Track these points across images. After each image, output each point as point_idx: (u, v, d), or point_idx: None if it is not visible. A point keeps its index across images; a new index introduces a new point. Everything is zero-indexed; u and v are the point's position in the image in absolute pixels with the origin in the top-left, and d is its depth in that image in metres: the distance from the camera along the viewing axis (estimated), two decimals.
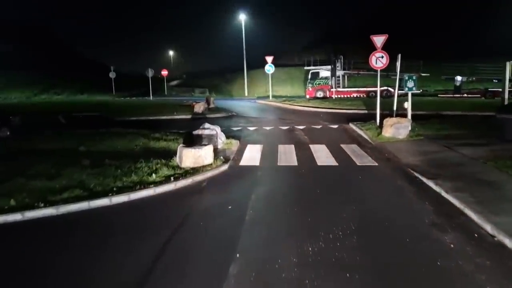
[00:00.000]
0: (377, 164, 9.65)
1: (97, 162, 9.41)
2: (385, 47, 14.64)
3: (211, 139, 11.65)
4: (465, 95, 30.06)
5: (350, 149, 11.53)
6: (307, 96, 34.43)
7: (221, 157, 10.02)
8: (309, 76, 34.58)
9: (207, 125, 12.19)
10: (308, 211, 6.47)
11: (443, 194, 7.02)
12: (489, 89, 29.64)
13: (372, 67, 14.82)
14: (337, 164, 9.73)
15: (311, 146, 12.04)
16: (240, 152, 11.35)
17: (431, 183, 7.63)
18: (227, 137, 12.99)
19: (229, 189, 7.91)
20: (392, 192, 7.47)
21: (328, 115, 20.96)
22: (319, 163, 9.82)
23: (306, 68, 36.64)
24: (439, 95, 31.06)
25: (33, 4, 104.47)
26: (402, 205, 6.75)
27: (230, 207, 6.73)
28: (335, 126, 16.23)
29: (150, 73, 33.40)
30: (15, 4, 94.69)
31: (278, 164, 9.89)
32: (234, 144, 12.28)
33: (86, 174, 8.31)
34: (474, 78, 32.07)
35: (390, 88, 32.21)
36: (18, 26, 61.41)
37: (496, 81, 31.56)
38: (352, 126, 15.82)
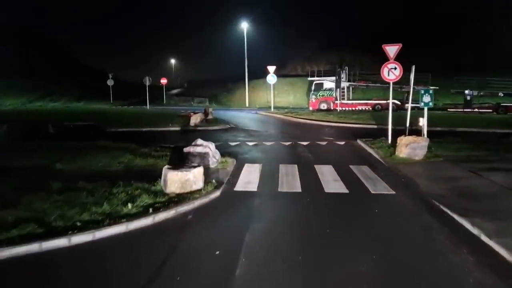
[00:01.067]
0: (394, 192, 8.27)
1: (68, 185, 8.11)
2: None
3: (203, 157, 10.34)
4: (476, 110, 28.74)
5: (360, 171, 10.16)
6: (310, 108, 33.19)
7: (213, 181, 8.66)
8: (313, 87, 33.37)
9: (199, 141, 10.87)
10: (316, 261, 5.09)
11: (484, 238, 5.64)
12: (502, 104, 28.34)
13: (384, 79, 13.53)
14: (347, 191, 8.36)
15: (316, 166, 10.68)
16: (236, 173, 10.00)
17: (465, 222, 6.25)
18: (223, 154, 11.66)
19: (219, 224, 6.53)
20: (419, 234, 6.07)
21: (333, 129, 19.65)
22: (326, 190, 8.45)
23: (309, 78, 35.44)
24: (448, 110, 29.74)
25: (34, 9, 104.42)
26: (434, 254, 5.35)
27: (217, 252, 5.35)
28: (342, 143, 14.88)
29: (148, 81, 32.21)
30: (14, 8, 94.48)
31: (279, 190, 8.52)
32: (230, 163, 10.93)
33: (50, 202, 6.96)
34: (482, 93, 30.72)
35: (396, 101, 30.98)
36: (17, 31, 60.56)
37: (502, 95, 30.33)
38: (360, 143, 14.47)
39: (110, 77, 42.85)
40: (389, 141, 13.44)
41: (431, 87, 31.70)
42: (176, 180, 7.91)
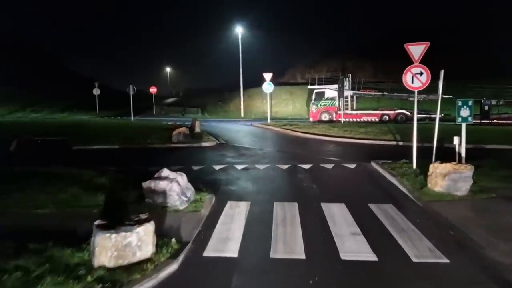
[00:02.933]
0: (447, 260, 5.38)
1: None
2: (396, 66, 10.73)
3: (168, 196, 7.50)
4: (495, 121, 25.96)
5: (386, 215, 7.31)
6: (311, 119, 30.43)
7: (173, 240, 5.80)
8: (313, 96, 30.62)
9: (165, 171, 8.04)
10: None
11: None
12: None
13: (407, 87, 10.72)
14: (375, 258, 5.46)
15: (324, 206, 7.84)
16: (213, 220, 7.12)
17: None
18: (201, 185, 8.90)
19: None
20: None
21: (339, 146, 16.77)
22: (343, 255, 5.56)
23: (309, 87, 32.79)
24: None
25: (18, 14, 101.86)
26: None
27: None
28: (352, 166, 12.00)
29: (132, 90, 29.36)
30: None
31: (272, 255, 5.62)
32: (207, 201, 8.06)
33: None
34: (501, 102, 28.03)
35: (405, 112, 28.26)
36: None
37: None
38: (376, 167, 11.60)
39: (96, 86, 40.06)
40: (414, 165, 10.60)
41: (445, 96, 28.99)
42: (109, 247, 5.03)
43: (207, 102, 49.66)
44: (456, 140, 10.13)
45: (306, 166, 11.93)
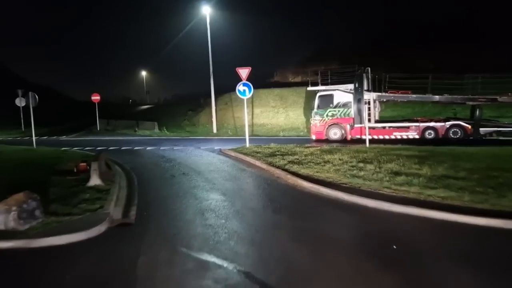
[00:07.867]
0: None
1: None
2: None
3: None
4: None
5: None
6: (313, 137, 20.38)
7: None
8: (316, 102, 20.48)
9: None
10: None
11: None
12: None
13: None
14: None
15: None
16: None
17: None
18: None
19: None
20: None
21: (412, 236, 6.52)
22: None
23: (309, 88, 22.66)
24: None
25: None
26: None
27: None
28: None
29: (32, 102, 18.86)
30: None
31: None
32: None
33: None
34: None
35: (463, 123, 18.28)
36: None
37: None
38: None
39: (19, 94, 29.55)
40: None
41: (500, 99, 19.29)
42: None
43: (180, 111, 39.75)
44: None
45: None
